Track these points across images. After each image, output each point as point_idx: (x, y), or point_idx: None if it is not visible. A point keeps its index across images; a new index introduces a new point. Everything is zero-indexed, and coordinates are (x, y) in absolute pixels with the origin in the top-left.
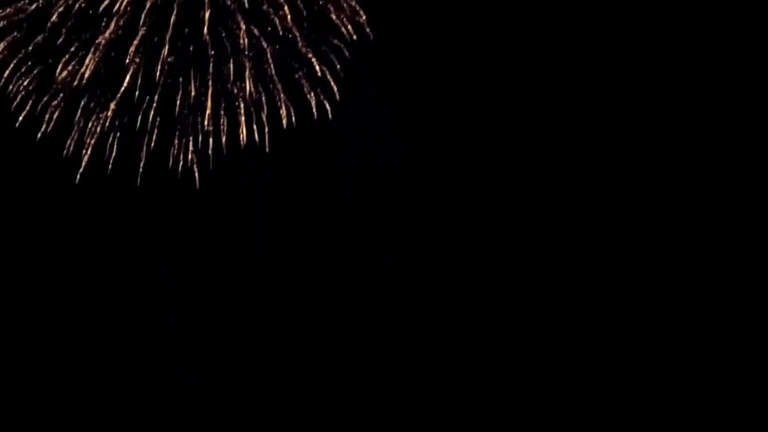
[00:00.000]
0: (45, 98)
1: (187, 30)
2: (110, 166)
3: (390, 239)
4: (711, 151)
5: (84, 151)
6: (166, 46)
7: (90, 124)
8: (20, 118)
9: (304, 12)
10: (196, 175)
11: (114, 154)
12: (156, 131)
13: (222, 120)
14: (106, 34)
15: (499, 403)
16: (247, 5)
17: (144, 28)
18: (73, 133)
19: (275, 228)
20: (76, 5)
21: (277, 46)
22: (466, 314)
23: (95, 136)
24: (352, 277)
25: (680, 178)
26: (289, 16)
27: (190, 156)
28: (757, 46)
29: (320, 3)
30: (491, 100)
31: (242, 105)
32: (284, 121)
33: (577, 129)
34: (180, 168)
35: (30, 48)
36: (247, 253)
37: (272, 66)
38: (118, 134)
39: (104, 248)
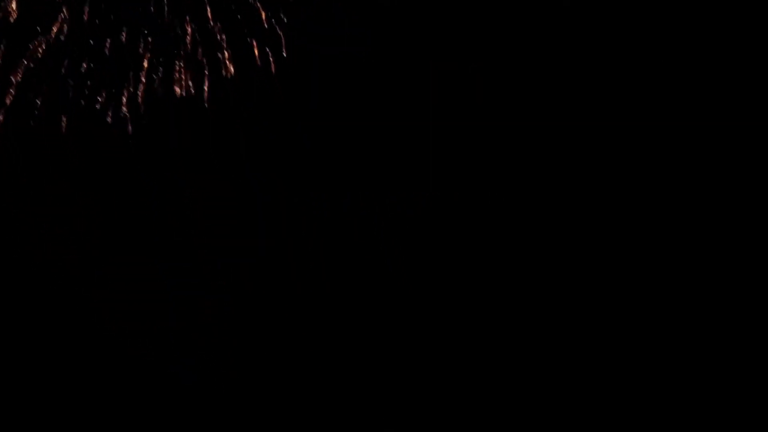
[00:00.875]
0: None
1: None
2: (36, 113)
3: (390, 239)
4: (716, 147)
5: (6, 96)
6: None
7: (12, 71)
8: None
9: None
10: (129, 124)
11: (40, 101)
12: (85, 78)
13: (159, 69)
14: None
15: (499, 403)
16: None
17: None
18: None
19: (275, 228)
20: None
21: None
22: (467, 314)
23: (18, 82)
24: (352, 277)
25: (684, 175)
26: None
27: (123, 103)
28: (757, 44)
29: None
30: (492, 100)
31: (182, 53)
32: (228, 72)
33: (580, 129)
34: (110, 115)
35: None
36: (247, 253)
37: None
38: (45, 81)
39: (104, 248)
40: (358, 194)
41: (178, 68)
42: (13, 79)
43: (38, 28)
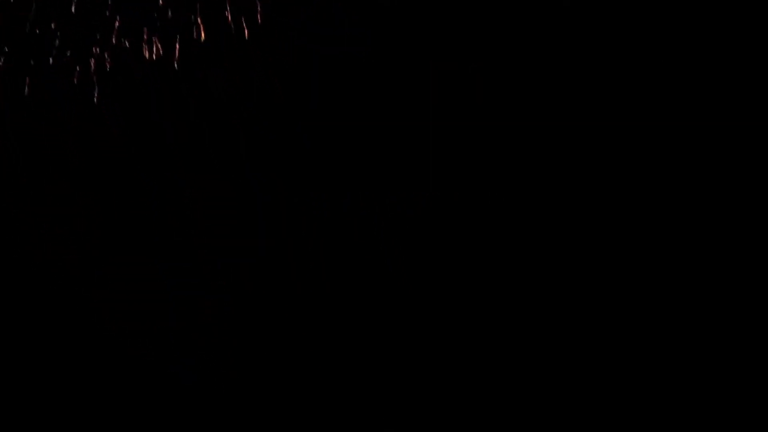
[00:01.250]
0: None
1: None
2: None
3: (390, 239)
4: (716, 147)
5: None
6: None
7: None
8: None
9: None
10: (96, 88)
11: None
12: (52, 38)
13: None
14: None
15: (500, 403)
16: None
17: None
18: None
19: (275, 228)
20: None
21: None
22: (467, 314)
23: None
24: (352, 277)
25: (684, 175)
26: None
27: (91, 66)
28: (757, 44)
29: None
30: (492, 100)
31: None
32: (201, 35)
33: (580, 129)
34: (76, 77)
35: None
36: (247, 253)
37: None
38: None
39: (104, 248)
40: (358, 194)
41: (147, 30)
42: None
43: None
